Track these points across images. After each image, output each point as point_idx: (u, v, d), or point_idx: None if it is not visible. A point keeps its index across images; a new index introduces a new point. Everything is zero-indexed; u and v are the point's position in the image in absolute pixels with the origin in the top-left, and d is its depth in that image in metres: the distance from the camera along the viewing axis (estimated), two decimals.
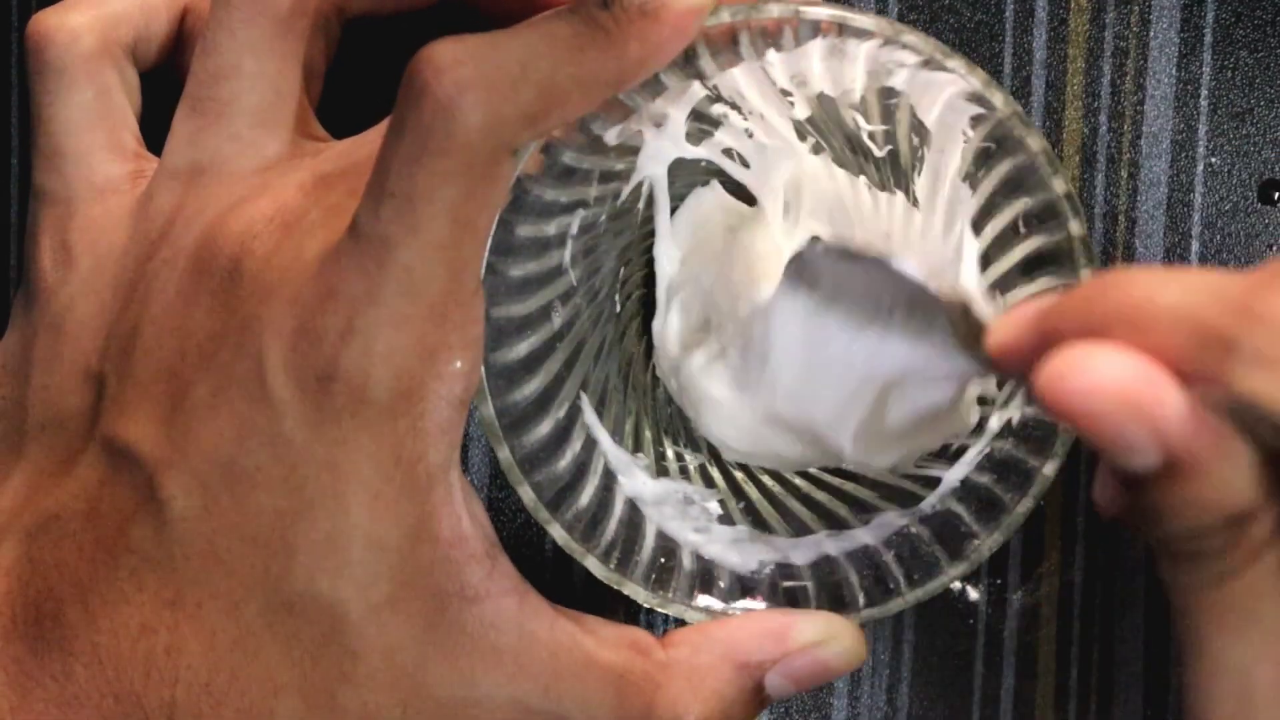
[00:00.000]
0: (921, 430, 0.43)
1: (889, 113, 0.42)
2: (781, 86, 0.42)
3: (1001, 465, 0.42)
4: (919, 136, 0.42)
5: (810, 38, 0.40)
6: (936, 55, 0.39)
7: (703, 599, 0.42)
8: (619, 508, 0.43)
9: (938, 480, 0.43)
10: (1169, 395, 0.32)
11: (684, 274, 0.45)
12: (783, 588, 0.42)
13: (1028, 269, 0.41)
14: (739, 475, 0.46)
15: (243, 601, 0.38)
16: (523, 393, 0.42)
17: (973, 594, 0.47)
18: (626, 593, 0.41)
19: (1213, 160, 0.47)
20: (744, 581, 0.42)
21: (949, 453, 0.43)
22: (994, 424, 0.42)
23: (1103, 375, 0.32)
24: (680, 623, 0.42)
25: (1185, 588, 0.34)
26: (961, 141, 0.42)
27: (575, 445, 0.43)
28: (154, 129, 0.42)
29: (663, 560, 0.42)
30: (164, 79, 0.44)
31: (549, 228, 0.42)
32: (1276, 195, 0.46)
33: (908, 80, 0.41)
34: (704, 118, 0.43)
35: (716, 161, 0.44)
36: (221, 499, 0.37)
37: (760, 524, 0.44)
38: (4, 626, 0.38)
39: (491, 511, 0.42)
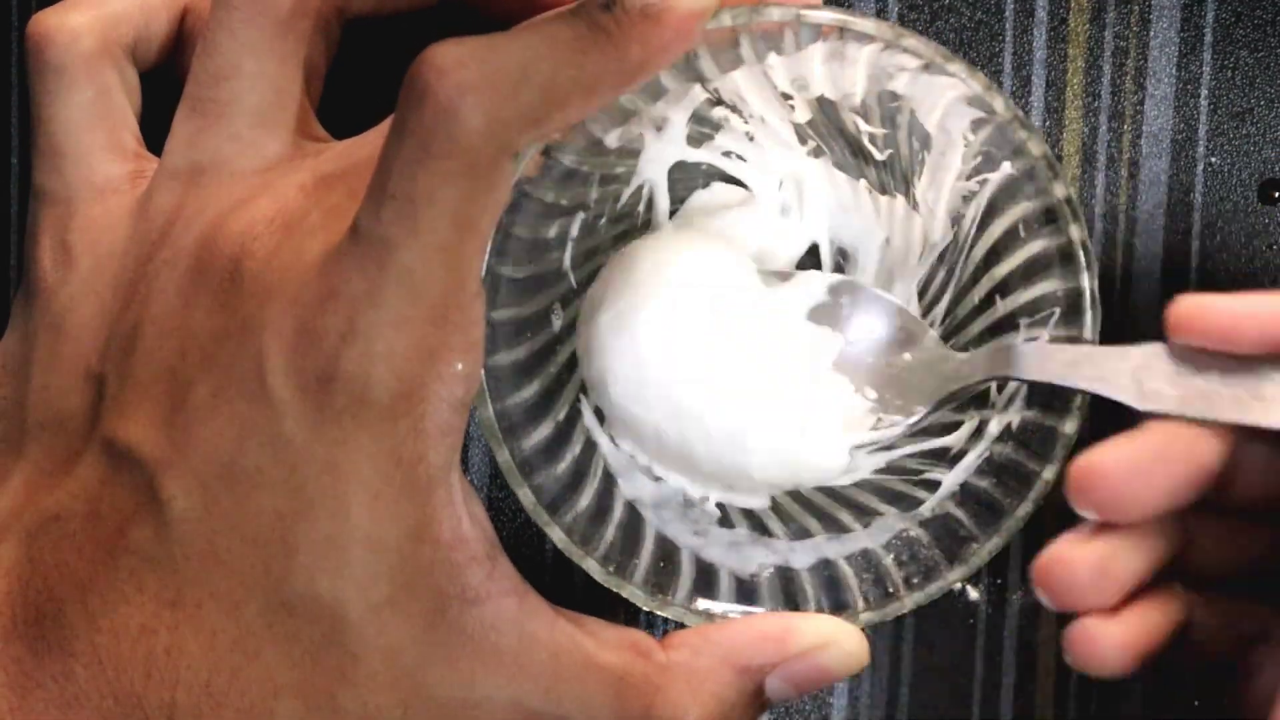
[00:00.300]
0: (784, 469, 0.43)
1: (890, 116, 0.42)
2: (782, 90, 0.42)
3: (1001, 469, 0.42)
4: (919, 140, 0.42)
5: (811, 41, 0.40)
6: (937, 59, 0.39)
7: (702, 602, 0.42)
8: (618, 510, 0.43)
9: (937, 483, 0.43)
10: None
11: None
12: (782, 591, 0.42)
13: (1028, 273, 0.41)
14: None
15: (243, 602, 0.38)
16: (523, 395, 0.42)
17: (973, 594, 0.47)
18: (626, 595, 0.41)
19: (1213, 160, 0.46)
20: (743, 584, 0.42)
21: (949, 456, 0.43)
22: (993, 428, 0.42)
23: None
24: (680, 624, 0.42)
25: None
26: (962, 145, 0.42)
27: (575, 448, 0.43)
28: (154, 129, 0.42)
29: (662, 563, 0.42)
30: (164, 79, 0.44)
31: (549, 230, 0.42)
32: (1276, 195, 0.46)
33: (908, 84, 0.41)
34: (705, 121, 0.43)
35: (717, 164, 0.44)
36: (222, 499, 0.37)
37: (759, 527, 0.44)
38: (4, 627, 0.38)
39: (491, 512, 0.42)
